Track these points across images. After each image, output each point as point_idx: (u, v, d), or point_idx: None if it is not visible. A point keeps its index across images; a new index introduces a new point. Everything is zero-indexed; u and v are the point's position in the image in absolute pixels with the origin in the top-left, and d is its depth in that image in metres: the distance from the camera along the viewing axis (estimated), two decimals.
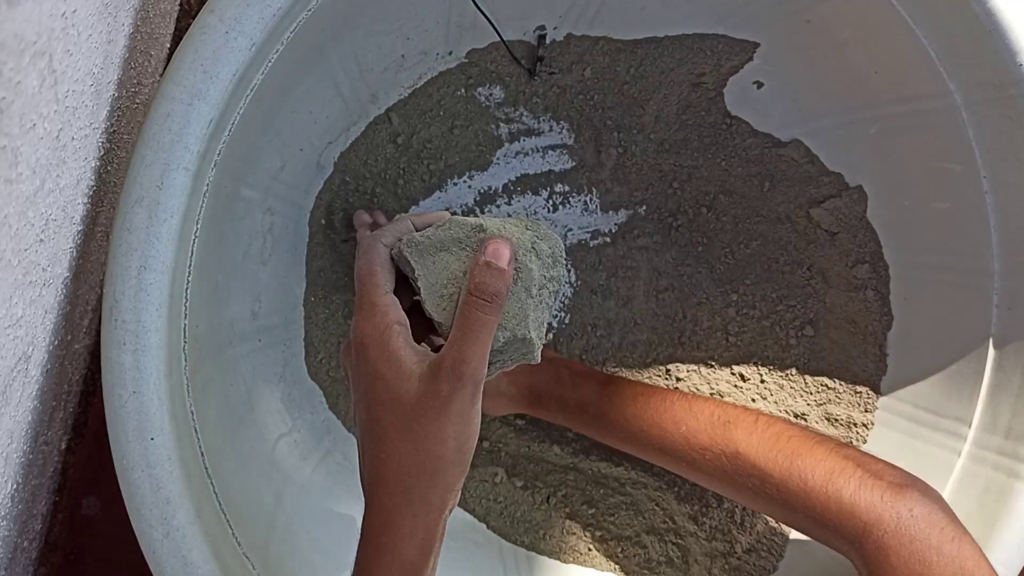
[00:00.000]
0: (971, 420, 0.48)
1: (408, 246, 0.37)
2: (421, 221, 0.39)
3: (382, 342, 0.33)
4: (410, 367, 0.33)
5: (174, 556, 0.37)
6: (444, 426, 0.32)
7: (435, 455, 0.32)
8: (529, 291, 0.36)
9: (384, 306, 0.35)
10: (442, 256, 0.36)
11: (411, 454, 0.32)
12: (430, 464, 0.32)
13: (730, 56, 0.55)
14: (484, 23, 0.50)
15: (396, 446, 0.32)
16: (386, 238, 0.37)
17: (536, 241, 0.37)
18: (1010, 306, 0.47)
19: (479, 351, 0.33)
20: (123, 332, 0.36)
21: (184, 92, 0.37)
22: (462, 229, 0.37)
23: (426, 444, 0.32)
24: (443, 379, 0.32)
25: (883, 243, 0.54)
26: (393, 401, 0.33)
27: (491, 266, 0.34)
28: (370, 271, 0.36)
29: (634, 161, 0.58)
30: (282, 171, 0.50)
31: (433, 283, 0.36)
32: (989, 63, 0.44)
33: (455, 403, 0.32)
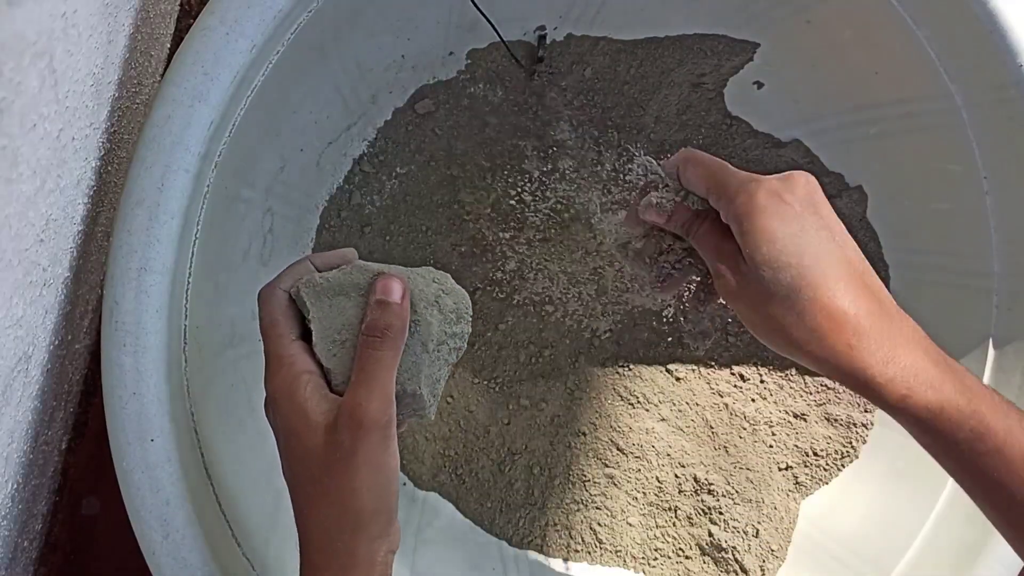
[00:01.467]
0: None
1: (306, 287, 0.35)
2: (322, 261, 0.37)
3: (290, 395, 0.32)
4: (317, 419, 0.31)
5: (174, 557, 0.37)
6: (353, 478, 0.30)
7: (351, 509, 0.31)
8: (425, 345, 0.35)
9: (290, 357, 0.33)
10: (339, 301, 0.35)
11: (328, 509, 0.31)
12: (348, 519, 0.31)
13: (730, 56, 0.55)
14: (484, 23, 0.50)
15: (314, 502, 0.31)
16: (284, 283, 0.35)
17: (441, 295, 0.36)
18: (1010, 306, 0.47)
19: (379, 392, 0.31)
20: (123, 333, 0.36)
21: (185, 94, 0.37)
22: (363, 275, 0.35)
23: (340, 498, 0.31)
24: (342, 429, 0.30)
25: (883, 243, 0.54)
26: (305, 456, 0.31)
27: (381, 302, 0.33)
28: (271, 322, 0.34)
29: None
30: (282, 171, 0.50)
31: (327, 327, 0.34)
32: (989, 64, 0.44)
33: (360, 453, 0.30)
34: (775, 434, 0.56)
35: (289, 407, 0.32)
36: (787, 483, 0.55)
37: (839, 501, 0.54)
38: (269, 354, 0.34)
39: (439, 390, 0.37)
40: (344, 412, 0.31)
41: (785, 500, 0.55)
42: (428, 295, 0.36)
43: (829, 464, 0.55)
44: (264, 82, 0.41)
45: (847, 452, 0.54)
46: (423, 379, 0.35)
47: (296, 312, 0.35)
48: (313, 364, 0.34)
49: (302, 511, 0.32)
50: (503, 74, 0.56)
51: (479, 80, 0.56)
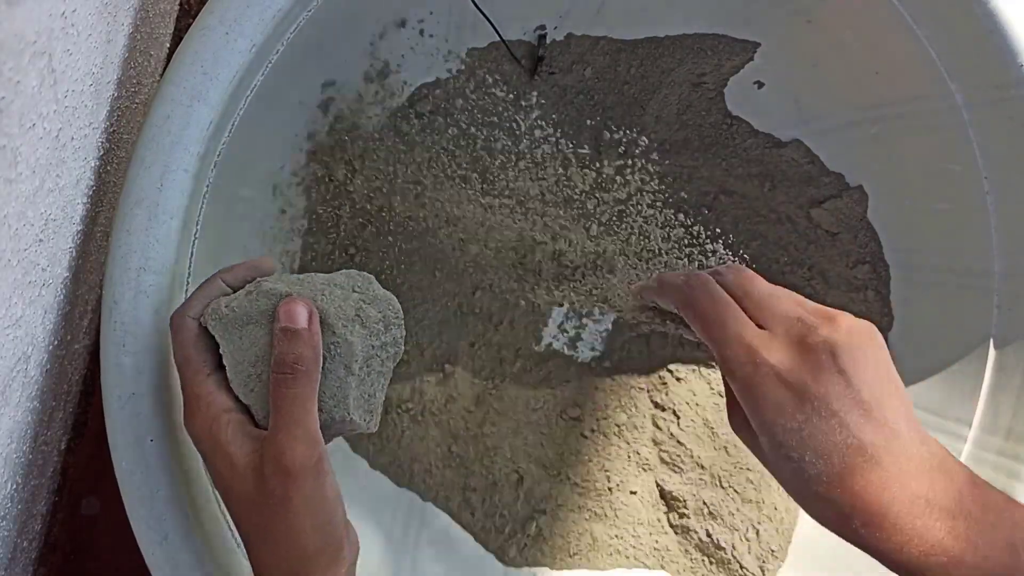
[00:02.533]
0: (971, 421, 0.48)
1: (212, 318, 0.32)
2: (234, 276, 0.34)
3: (212, 437, 0.30)
4: (243, 462, 0.29)
5: (173, 558, 0.37)
6: (292, 522, 0.29)
7: (295, 549, 0.29)
8: (349, 368, 0.32)
9: (207, 395, 0.31)
10: (250, 330, 0.32)
11: (273, 549, 0.29)
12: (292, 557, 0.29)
13: (731, 56, 0.55)
14: (484, 23, 0.50)
15: (258, 544, 0.30)
16: (193, 309, 0.33)
17: (362, 307, 0.33)
18: (1011, 307, 0.47)
19: (301, 434, 0.29)
20: (122, 333, 0.36)
21: (184, 93, 0.37)
22: (269, 300, 0.32)
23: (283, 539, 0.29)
24: (270, 477, 0.28)
25: (883, 243, 0.54)
26: (237, 502, 0.30)
27: (287, 331, 0.30)
28: (183, 358, 0.32)
29: (634, 161, 0.58)
30: (282, 171, 0.50)
31: (239, 361, 0.32)
32: (990, 63, 0.44)
33: (296, 497, 0.28)
34: None
35: (212, 451, 0.30)
36: None
37: None
38: (185, 392, 0.31)
39: (376, 403, 0.34)
40: (269, 460, 0.29)
41: (785, 500, 0.55)
42: (347, 311, 0.33)
43: None
44: (263, 82, 0.41)
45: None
46: (351, 403, 0.32)
47: (211, 341, 0.33)
48: (232, 400, 0.31)
49: (249, 551, 0.31)
50: (503, 74, 0.56)
51: (479, 80, 0.56)
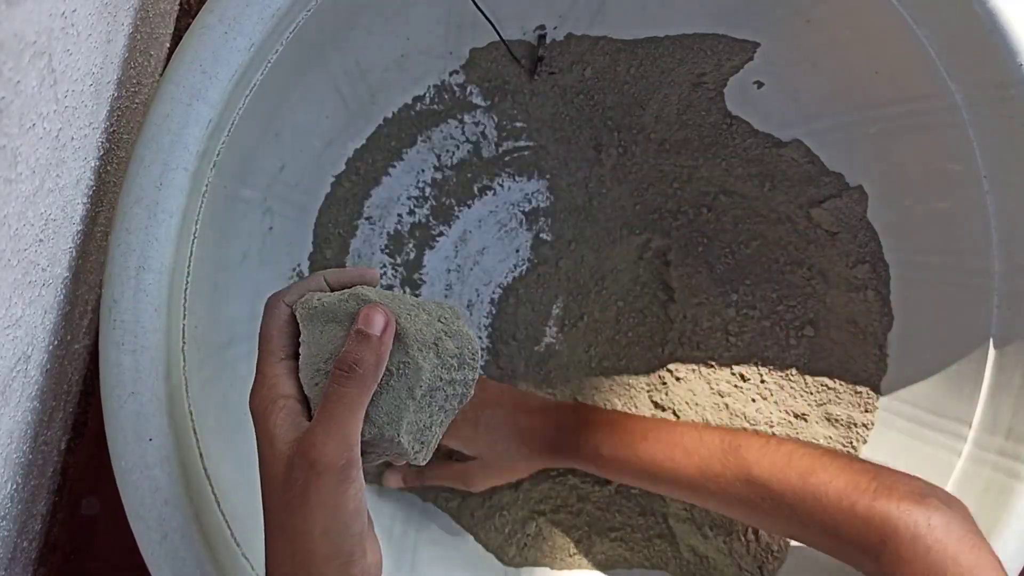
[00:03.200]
0: (971, 420, 0.48)
1: (301, 307, 0.33)
2: (336, 279, 0.35)
3: (264, 420, 0.30)
4: (282, 448, 0.29)
5: (173, 558, 0.37)
6: (306, 520, 0.29)
7: (302, 551, 0.29)
8: (412, 392, 0.32)
9: (273, 376, 0.31)
10: (331, 328, 0.32)
11: (284, 546, 0.30)
12: (300, 557, 0.29)
13: (730, 56, 0.55)
14: (484, 23, 0.50)
15: (273, 535, 0.30)
16: (289, 296, 0.34)
17: (442, 338, 0.33)
18: (1011, 306, 0.47)
19: (338, 431, 0.29)
20: (121, 333, 0.36)
21: (183, 92, 0.37)
22: (358, 304, 0.32)
23: (293, 537, 0.29)
24: (297, 467, 0.29)
25: (883, 243, 0.54)
26: (268, 485, 0.30)
27: (360, 333, 0.30)
28: (266, 335, 0.33)
29: (634, 161, 0.58)
30: (282, 171, 0.50)
31: (314, 353, 0.32)
32: (990, 63, 0.44)
33: (313, 494, 0.29)
34: (775, 434, 0.56)
35: (261, 430, 0.31)
36: None
37: None
38: (257, 368, 0.32)
39: (431, 437, 0.34)
40: (299, 450, 0.29)
41: None
42: (426, 336, 0.32)
43: None
44: (263, 81, 0.41)
45: (848, 452, 0.54)
46: (404, 426, 0.32)
47: (295, 329, 0.33)
48: (295, 388, 0.32)
49: (266, 541, 0.31)
50: (503, 74, 0.56)
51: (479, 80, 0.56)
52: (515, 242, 0.59)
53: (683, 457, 0.46)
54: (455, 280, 0.58)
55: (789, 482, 0.42)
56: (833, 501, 0.40)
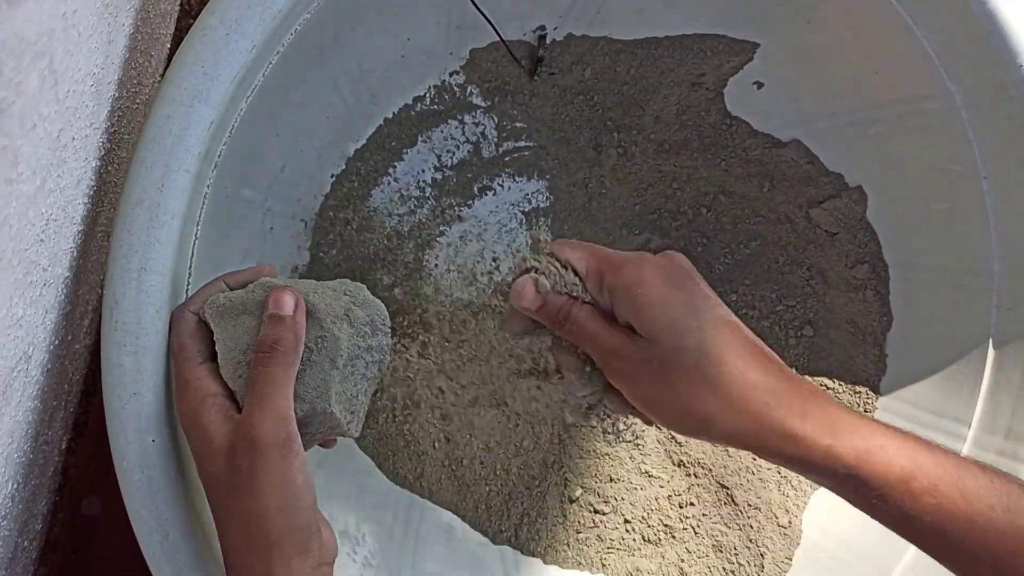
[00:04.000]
0: (971, 420, 0.48)
1: (209, 307, 0.34)
2: (235, 280, 0.36)
3: (195, 419, 0.31)
4: (220, 442, 0.30)
5: (174, 558, 0.37)
6: (257, 500, 0.29)
7: (259, 532, 0.30)
8: (334, 361, 0.33)
9: (196, 380, 0.33)
10: (243, 320, 0.34)
11: (238, 532, 0.30)
12: (258, 541, 0.30)
13: (730, 56, 0.55)
14: (484, 23, 0.50)
15: (225, 525, 0.31)
16: (194, 304, 0.35)
17: (352, 308, 0.35)
18: (1010, 306, 0.47)
19: (272, 409, 0.30)
20: (123, 333, 0.36)
21: (185, 94, 0.37)
22: (265, 292, 0.34)
23: (247, 521, 0.30)
24: (240, 453, 0.30)
25: (883, 243, 0.54)
26: (211, 480, 0.31)
27: (273, 316, 0.32)
28: (179, 346, 0.34)
29: (634, 161, 0.58)
30: (282, 172, 0.50)
31: (231, 348, 0.33)
32: (989, 64, 0.44)
33: (260, 474, 0.29)
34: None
35: (194, 431, 0.32)
36: (788, 484, 0.55)
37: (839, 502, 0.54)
38: (176, 378, 0.33)
39: (359, 406, 0.35)
40: (239, 434, 0.30)
41: (785, 500, 0.55)
42: (336, 309, 0.34)
43: None
44: (264, 82, 0.41)
45: None
46: (333, 396, 0.33)
47: (207, 333, 0.35)
48: (219, 386, 0.33)
49: (219, 535, 0.32)
50: (504, 74, 0.56)
51: (480, 80, 0.56)
52: (515, 242, 0.59)
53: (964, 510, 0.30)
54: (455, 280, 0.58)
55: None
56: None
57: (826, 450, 0.29)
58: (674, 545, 0.54)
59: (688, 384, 0.30)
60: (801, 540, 0.54)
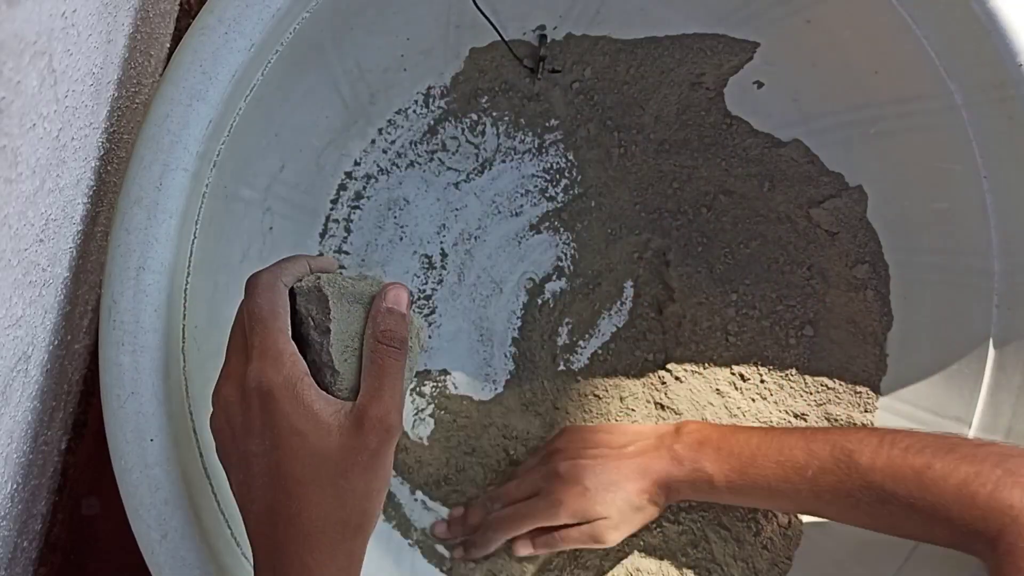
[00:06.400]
0: (971, 420, 0.48)
1: (330, 287, 0.34)
2: (316, 264, 0.36)
3: (296, 394, 0.31)
4: (328, 421, 0.31)
5: (173, 557, 0.37)
6: (372, 480, 0.31)
7: (360, 510, 0.31)
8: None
9: (291, 354, 0.32)
10: (355, 308, 0.35)
11: (336, 509, 0.31)
12: (355, 519, 0.31)
13: (730, 56, 0.55)
14: (484, 23, 0.50)
15: (317, 502, 0.31)
16: (287, 277, 0.35)
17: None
18: (1010, 306, 0.47)
19: (398, 400, 0.32)
20: (121, 333, 0.36)
21: (183, 93, 0.37)
22: (373, 286, 0.35)
23: (352, 499, 0.31)
24: (370, 432, 0.31)
25: (883, 243, 0.54)
26: (312, 456, 0.31)
27: (393, 311, 0.34)
28: (273, 312, 0.33)
29: (634, 161, 0.58)
30: (281, 171, 0.50)
31: (344, 331, 0.34)
32: (989, 63, 0.44)
33: (383, 456, 0.31)
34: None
35: (294, 407, 0.31)
36: None
37: None
38: (267, 346, 0.32)
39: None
40: (372, 417, 0.31)
41: None
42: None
43: None
44: (263, 82, 0.41)
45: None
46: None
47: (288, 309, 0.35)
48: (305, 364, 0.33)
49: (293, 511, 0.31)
50: (504, 74, 0.56)
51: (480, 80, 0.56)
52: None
53: (796, 475, 0.45)
54: (455, 280, 0.58)
55: (905, 481, 0.41)
56: (951, 494, 0.39)
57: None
58: (674, 545, 0.54)
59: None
60: (801, 540, 0.54)
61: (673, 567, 0.54)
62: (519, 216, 0.58)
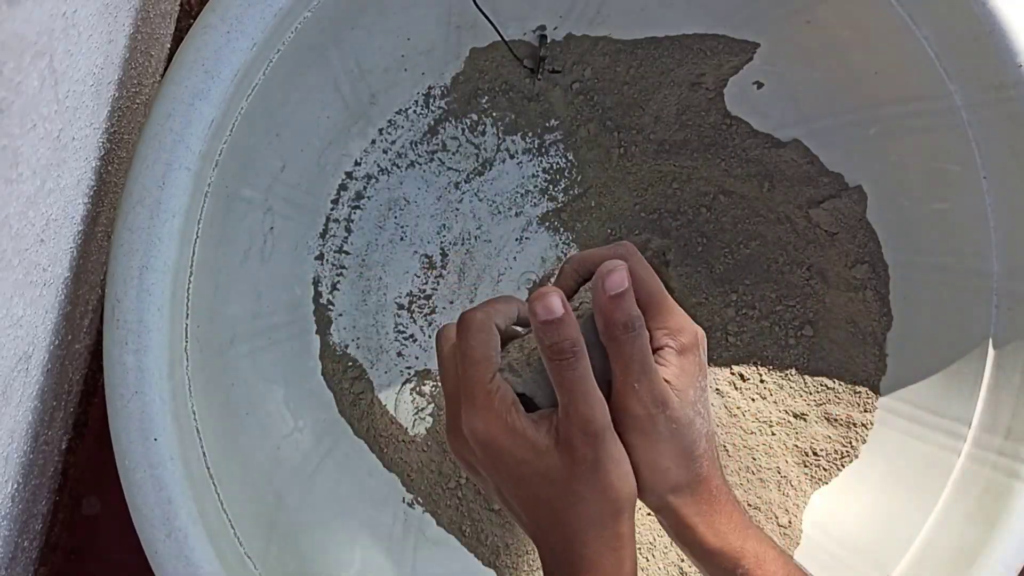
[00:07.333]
0: (971, 420, 0.48)
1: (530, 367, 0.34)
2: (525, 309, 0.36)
3: (509, 428, 0.32)
4: (544, 443, 0.32)
5: (176, 557, 0.37)
6: (604, 478, 0.32)
7: (609, 500, 0.32)
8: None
9: (498, 391, 0.33)
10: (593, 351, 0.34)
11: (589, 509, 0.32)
12: (607, 509, 0.33)
13: (730, 57, 0.55)
14: (485, 23, 0.50)
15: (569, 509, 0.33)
16: (499, 318, 0.35)
17: None
18: (1010, 306, 0.47)
19: (594, 401, 0.32)
20: (125, 332, 0.36)
21: (185, 92, 0.37)
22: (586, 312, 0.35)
23: (595, 497, 0.32)
24: (579, 446, 0.32)
25: (883, 243, 0.54)
26: (543, 476, 0.32)
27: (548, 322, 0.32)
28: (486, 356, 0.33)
29: (633, 162, 0.58)
30: (283, 171, 0.50)
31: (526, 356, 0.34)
32: (989, 64, 0.44)
33: (603, 457, 0.32)
34: (775, 434, 0.56)
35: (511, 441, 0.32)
36: (788, 484, 0.55)
37: (839, 501, 0.54)
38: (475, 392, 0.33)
39: None
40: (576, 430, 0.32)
41: (784, 500, 0.55)
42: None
43: (829, 464, 0.55)
44: (264, 81, 0.41)
45: (847, 452, 0.54)
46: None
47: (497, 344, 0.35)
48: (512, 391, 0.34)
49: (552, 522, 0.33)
50: (504, 74, 0.56)
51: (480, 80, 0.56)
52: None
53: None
54: (456, 280, 0.58)
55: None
56: None
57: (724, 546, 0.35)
58: (674, 545, 0.54)
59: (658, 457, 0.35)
60: (801, 540, 0.54)
61: (675, 568, 0.54)
62: (519, 216, 0.58)
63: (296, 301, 0.54)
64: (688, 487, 0.35)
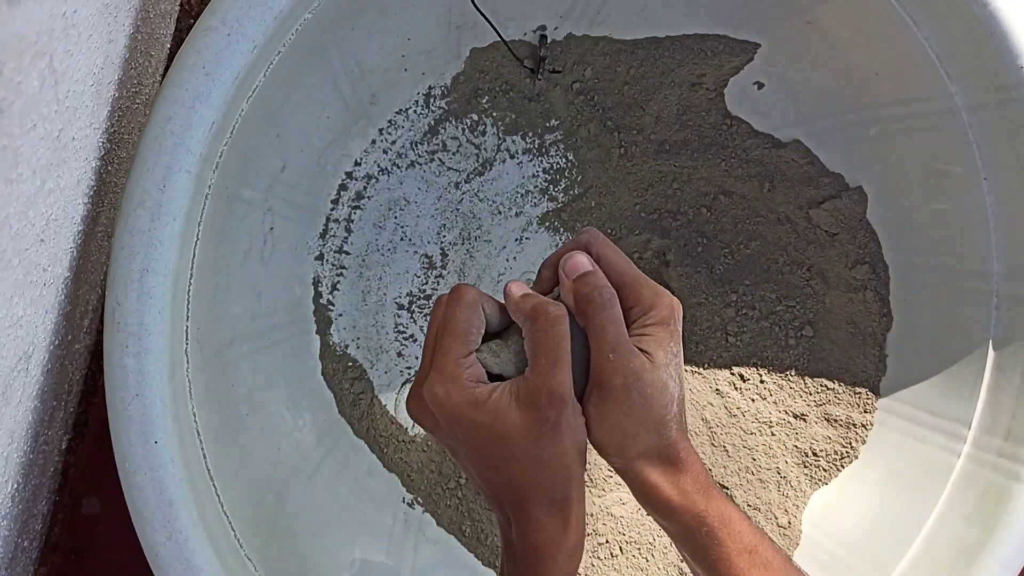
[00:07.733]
0: (971, 421, 0.48)
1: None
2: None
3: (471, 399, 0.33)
4: (503, 405, 0.33)
5: (177, 558, 0.37)
6: (561, 445, 0.33)
7: (561, 473, 0.33)
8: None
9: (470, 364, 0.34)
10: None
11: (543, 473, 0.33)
12: (559, 483, 0.33)
13: (731, 57, 0.55)
14: (485, 23, 0.50)
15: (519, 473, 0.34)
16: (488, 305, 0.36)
17: None
18: (1010, 307, 0.47)
19: (564, 368, 0.33)
20: (126, 335, 0.36)
21: (186, 94, 0.37)
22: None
23: (553, 465, 0.33)
24: (545, 407, 0.33)
25: (883, 244, 0.54)
26: (500, 438, 0.33)
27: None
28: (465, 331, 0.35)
29: (634, 162, 0.58)
30: (283, 172, 0.50)
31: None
32: (990, 65, 0.44)
33: (563, 424, 0.33)
34: (775, 434, 0.56)
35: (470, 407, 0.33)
36: (787, 484, 0.55)
37: (839, 501, 0.54)
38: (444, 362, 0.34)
39: None
40: (543, 392, 0.33)
41: (784, 501, 0.55)
42: None
43: (829, 464, 0.55)
44: (265, 83, 0.41)
45: (847, 452, 0.54)
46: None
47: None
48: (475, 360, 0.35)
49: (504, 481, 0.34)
50: (505, 74, 0.56)
51: (481, 80, 0.56)
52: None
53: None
54: (456, 280, 0.58)
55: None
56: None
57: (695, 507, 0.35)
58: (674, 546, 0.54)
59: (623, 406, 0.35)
60: (801, 540, 0.54)
61: (675, 568, 0.54)
62: (519, 216, 0.58)
63: (296, 301, 0.54)
64: (656, 450, 0.35)
